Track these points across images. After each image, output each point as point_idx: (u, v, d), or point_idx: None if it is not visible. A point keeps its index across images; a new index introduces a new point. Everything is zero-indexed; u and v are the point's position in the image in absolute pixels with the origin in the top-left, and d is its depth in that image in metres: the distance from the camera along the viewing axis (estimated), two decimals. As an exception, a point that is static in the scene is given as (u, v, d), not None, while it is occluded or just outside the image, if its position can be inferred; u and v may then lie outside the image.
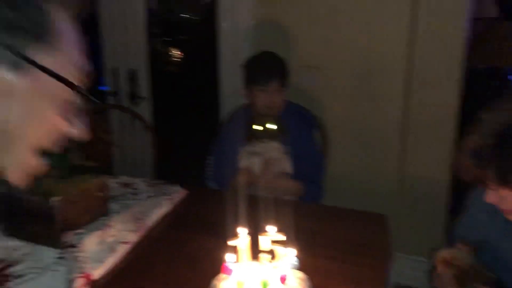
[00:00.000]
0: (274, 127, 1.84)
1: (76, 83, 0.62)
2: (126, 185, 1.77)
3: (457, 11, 2.09)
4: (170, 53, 4.24)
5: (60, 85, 0.60)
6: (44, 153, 0.64)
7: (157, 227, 1.49)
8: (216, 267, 1.11)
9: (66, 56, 0.61)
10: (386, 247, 1.33)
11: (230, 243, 1.08)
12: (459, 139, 2.27)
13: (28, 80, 0.57)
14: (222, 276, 1.09)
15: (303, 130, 2.00)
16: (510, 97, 0.99)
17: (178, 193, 1.70)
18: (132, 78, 2.78)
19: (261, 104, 1.92)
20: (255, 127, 1.84)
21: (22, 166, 0.63)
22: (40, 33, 0.57)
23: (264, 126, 1.85)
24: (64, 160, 1.41)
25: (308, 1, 2.31)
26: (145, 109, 2.78)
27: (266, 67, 1.95)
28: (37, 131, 0.62)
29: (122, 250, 1.32)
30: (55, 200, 1.30)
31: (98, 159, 2.39)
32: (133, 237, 1.39)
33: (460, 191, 1.39)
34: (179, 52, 4.19)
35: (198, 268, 1.26)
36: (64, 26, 0.61)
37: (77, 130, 0.65)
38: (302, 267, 1.09)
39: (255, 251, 1.12)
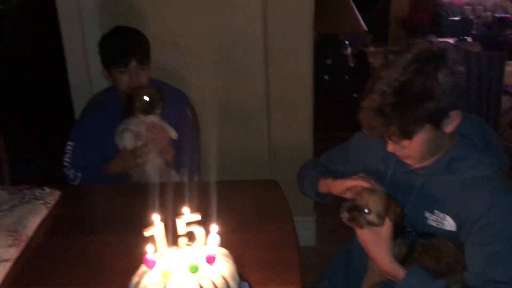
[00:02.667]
0: (148, 98, 1.71)
1: None
2: (-18, 197, 1.49)
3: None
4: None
5: None
6: None
7: (38, 237, 1.30)
8: (129, 263, 1.01)
9: None
10: (288, 209, 1.38)
11: (147, 233, 0.99)
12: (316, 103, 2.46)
13: None
14: (143, 270, 1.00)
15: (176, 109, 1.91)
16: (404, 55, 1.06)
17: (51, 196, 1.50)
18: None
19: (123, 86, 1.78)
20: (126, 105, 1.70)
21: None
22: None
23: (138, 101, 1.71)
24: None
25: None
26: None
27: (122, 46, 1.78)
28: None
29: (3, 270, 1.12)
30: None
31: None
32: (14, 253, 1.18)
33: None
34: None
35: (107, 269, 1.14)
36: None
37: None
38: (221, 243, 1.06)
39: (171, 237, 1.05)
